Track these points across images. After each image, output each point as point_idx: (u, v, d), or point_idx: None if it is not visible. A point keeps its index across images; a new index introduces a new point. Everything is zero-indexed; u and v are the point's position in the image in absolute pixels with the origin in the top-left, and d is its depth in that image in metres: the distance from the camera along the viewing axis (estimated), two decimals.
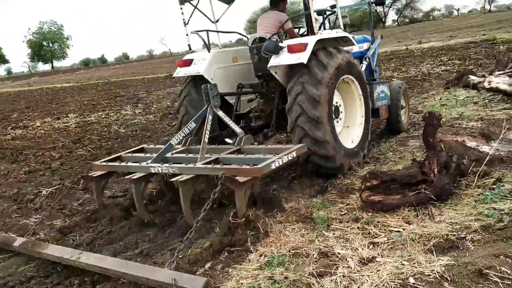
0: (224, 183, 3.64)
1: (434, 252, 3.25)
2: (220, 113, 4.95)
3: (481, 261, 3.00)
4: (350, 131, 5.57)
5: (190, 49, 5.74)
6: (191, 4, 5.64)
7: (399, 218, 3.84)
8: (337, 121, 5.26)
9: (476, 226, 3.53)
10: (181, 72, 5.68)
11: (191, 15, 5.63)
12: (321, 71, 4.79)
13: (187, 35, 5.69)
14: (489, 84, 8.40)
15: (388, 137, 6.69)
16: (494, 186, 4.17)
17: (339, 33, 5.47)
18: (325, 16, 5.67)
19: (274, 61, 4.94)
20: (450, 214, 3.83)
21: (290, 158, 4.15)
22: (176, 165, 4.29)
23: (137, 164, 4.64)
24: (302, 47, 4.77)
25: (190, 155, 4.64)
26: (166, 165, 4.33)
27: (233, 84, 5.79)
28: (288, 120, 4.93)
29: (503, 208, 3.78)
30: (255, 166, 3.87)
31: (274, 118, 5.50)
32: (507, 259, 3.00)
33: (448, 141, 5.75)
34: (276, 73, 5.08)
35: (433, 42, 24.60)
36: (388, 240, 3.51)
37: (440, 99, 8.61)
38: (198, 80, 5.56)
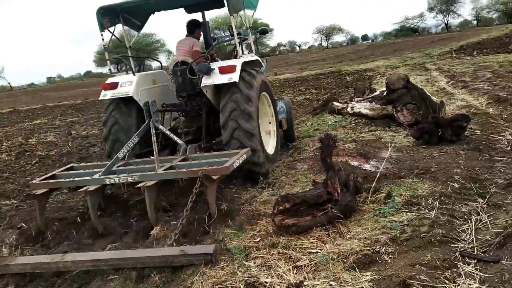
0: (202, 180, 4.18)
1: (356, 268, 3.31)
2: (161, 127, 5.55)
3: (402, 272, 3.13)
4: (269, 140, 6.38)
5: (111, 72, 6.05)
6: (109, 31, 6.04)
7: (314, 239, 3.86)
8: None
9: (385, 239, 3.73)
10: (108, 94, 5.83)
11: (109, 41, 6.07)
12: (249, 89, 5.46)
13: (107, 59, 6.17)
14: (352, 110, 9.23)
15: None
16: (388, 200, 4.48)
17: (253, 57, 6.26)
18: (239, 42, 6.19)
19: (207, 81, 5.49)
20: (357, 230, 3.98)
21: (243, 159, 4.88)
22: (134, 174, 4.65)
23: (88, 177, 4.81)
24: (232, 68, 5.40)
25: (136, 166, 5.04)
26: (123, 175, 4.64)
27: (158, 103, 6.03)
28: (223, 134, 5.49)
29: (402, 219, 4.07)
30: (223, 166, 4.47)
31: (204, 132, 6.04)
32: (423, 268, 3.18)
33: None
34: (206, 91, 5.62)
35: (287, 74, 26.45)
36: (310, 262, 3.48)
37: (312, 124, 9.17)
38: (121, 104, 5.89)
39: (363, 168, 5.74)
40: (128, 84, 5.81)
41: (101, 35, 5.95)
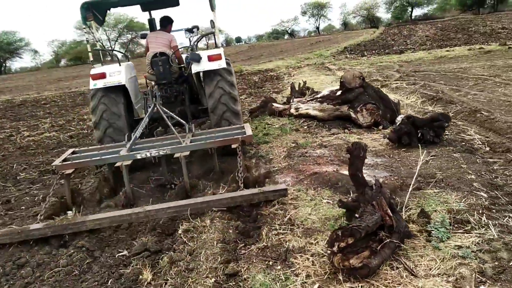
0: (241, 145, 5.17)
1: None
2: (167, 110, 5.97)
3: None
4: None
5: (92, 64, 6.49)
6: (86, 25, 6.65)
7: (386, 282, 2.98)
8: None
9: (470, 273, 3.00)
10: (98, 83, 6.10)
11: (92, 33, 6.64)
12: (230, 76, 6.23)
13: (89, 51, 6.71)
14: (297, 111, 8.54)
15: None
16: (428, 219, 3.78)
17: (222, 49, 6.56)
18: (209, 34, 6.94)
19: (197, 67, 6.15)
20: (425, 263, 3.20)
21: (251, 131, 5.56)
22: (165, 147, 5.15)
23: (116, 155, 5.19)
24: (219, 56, 6.07)
25: (156, 143, 5.60)
26: (154, 149, 5.13)
27: (135, 91, 6.72)
28: (212, 116, 6.18)
29: (466, 244, 3.39)
30: (247, 134, 5.35)
31: (190, 115, 6.79)
32: None
33: (322, 172, 5.30)
34: (194, 77, 6.65)
35: None
36: None
37: (256, 128, 8.26)
38: (109, 92, 6.17)
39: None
40: (117, 73, 6.13)
41: (84, 28, 6.54)
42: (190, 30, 6.88)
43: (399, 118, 6.54)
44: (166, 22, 7.03)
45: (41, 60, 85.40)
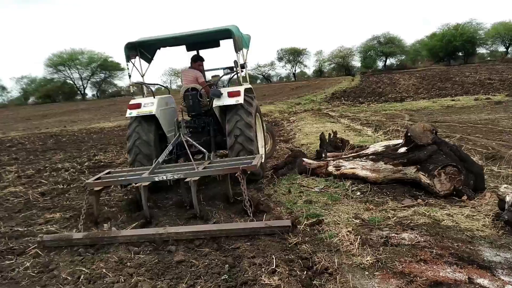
0: (241, 174, 5.36)
1: None
2: (189, 140, 6.75)
3: None
4: (260, 150, 7.39)
5: (133, 95, 7.40)
6: (131, 62, 7.21)
7: None
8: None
9: None
10: (133, 112, 6.89)
11: (132, 70, 7.19)
12: (249, 107, 6.78)
13: (131, 85, 7.44)
14: (338, 170, 6.77)
15: None
16: None
17: (249, 85, 7.51)
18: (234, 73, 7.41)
19: (218, 102, 6.72)
20: None
21: (262, 160, 6.24)
22: (180, 172, 5.70)
23: (138, 176, 5.78)
24: (238, 93, 6.69)
25: (175, 168, 6.24)
26: (170, 173, 5.64)
27: (170, 121, 7.29)
28: (228, 140, 6.66)
29: None
30: (252, 164, 5.61)
31: (213, 144, 7.40)
32: None
33: (445, 281, 3.46)
34: (216, 111, 6.94)
35: None
36: None
37: (290, 192, 6.38)
38: (142, 122, 6.93)
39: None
40: (150, 104, 6.87)
41: (127, 65, 7.13)
42: (230, 68, 7.56)
43: (504, 189, 4.82)
44: (195, 60, 7.85)
45: (8, 97, 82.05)
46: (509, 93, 18.73)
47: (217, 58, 8.94)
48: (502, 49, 76.02)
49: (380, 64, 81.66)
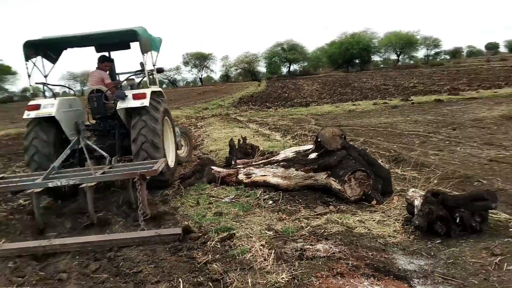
0: (140, 179, 5.15)
1: None
2: (89, 142, 6.60)
3: None
4: (170, 155, 7.48)
5: (32, 97, 7.65)
6: (31, 61, 6.83)
7: None
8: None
9: None
10: (31, 114, 6.49)
11: (32, 70, 6.83)
12: (155, 112, 6.58)
13: (30, 85, 6.98)
14: (249, 178, 6.47)
15: None
16: None
17: (158, 88, 7.57)
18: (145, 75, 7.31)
19: (122, 105, 6.50)
20: None
21: (163, 165, 5.90)
22: (75, 177, 5.46)
23: (31, 182, 5.43)
24: (144, 95, 6.51)
25: (72, 173, 5.89)
26: (65, 179, 5.40)
27: (71, 124, 6.85)
28: (133, 146, 6.43)
29: None
30: (152, 169, 5.40)
31: (118, 148, 6.97)
32: None
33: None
34: (120, 114, 6.66)
35: None
36: None
37: (198, 203, 5.95)
38: (42, 122, 6.57)
39: None
40: (50, 106, 6.55)
41: (26, 64, 6.75)
42: (142, 71, 7.40)
43: (412, 193, 4.85)
44: (102, 61, 7.63)
45: None
46: (403, 98, 20.02)
47: (133, 61, 8.64)
48: (394, 57, 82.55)
49: (284, 70, 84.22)
